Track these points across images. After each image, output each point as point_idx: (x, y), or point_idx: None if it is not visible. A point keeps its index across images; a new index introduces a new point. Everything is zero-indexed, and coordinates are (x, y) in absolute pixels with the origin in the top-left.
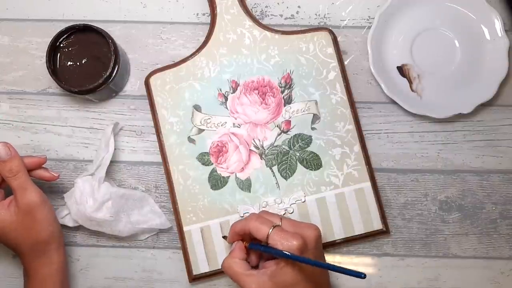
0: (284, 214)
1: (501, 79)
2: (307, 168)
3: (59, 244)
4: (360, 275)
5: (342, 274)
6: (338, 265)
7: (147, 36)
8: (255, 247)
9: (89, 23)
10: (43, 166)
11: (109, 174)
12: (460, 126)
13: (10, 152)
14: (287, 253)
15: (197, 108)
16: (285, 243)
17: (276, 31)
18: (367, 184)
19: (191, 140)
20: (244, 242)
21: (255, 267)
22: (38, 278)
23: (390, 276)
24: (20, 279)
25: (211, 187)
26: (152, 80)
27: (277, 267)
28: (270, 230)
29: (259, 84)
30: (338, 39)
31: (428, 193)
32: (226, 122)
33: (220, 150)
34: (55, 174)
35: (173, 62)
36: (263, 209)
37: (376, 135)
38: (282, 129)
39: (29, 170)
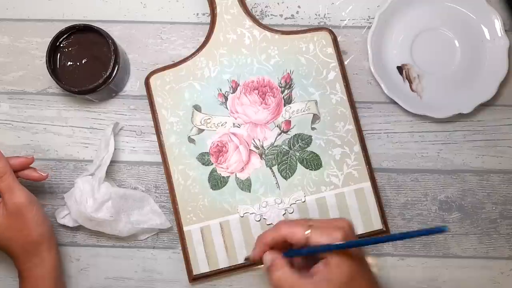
0: (284, 214)
1: (501, 79)
2: (307, 168)
3: (50, 244)
4: (442, 230)
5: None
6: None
7: (147, 36)
8: (296, 254)
9: (89, 23)
10: (31, 166)
11: (109, 174)
12: (460, 126)
13: None
14: (342, 242)
15: (197, 108)
16: (328, 238)
17: (276, 31)
18: (367, 184)
19: (191, 140)
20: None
21: None
22: (32, 279)
23: (390, 276)
24: None
25: (211, 187)
26: (152, 80)
27: (330, 266)
28: (308, 231)
29: (259, 84)
30: (338, 39)
31: (428, 193)
32: (226, 122)
33: (220, 150)
34: (43, 174)
35: (173, 62)
36: (263, 209)
37: (376, 135)
38: (282, 129)
39: (16, 171)
